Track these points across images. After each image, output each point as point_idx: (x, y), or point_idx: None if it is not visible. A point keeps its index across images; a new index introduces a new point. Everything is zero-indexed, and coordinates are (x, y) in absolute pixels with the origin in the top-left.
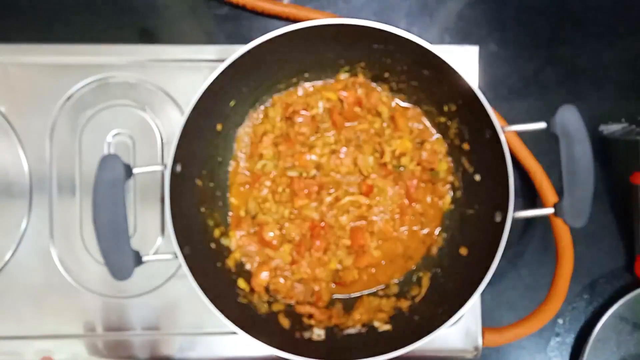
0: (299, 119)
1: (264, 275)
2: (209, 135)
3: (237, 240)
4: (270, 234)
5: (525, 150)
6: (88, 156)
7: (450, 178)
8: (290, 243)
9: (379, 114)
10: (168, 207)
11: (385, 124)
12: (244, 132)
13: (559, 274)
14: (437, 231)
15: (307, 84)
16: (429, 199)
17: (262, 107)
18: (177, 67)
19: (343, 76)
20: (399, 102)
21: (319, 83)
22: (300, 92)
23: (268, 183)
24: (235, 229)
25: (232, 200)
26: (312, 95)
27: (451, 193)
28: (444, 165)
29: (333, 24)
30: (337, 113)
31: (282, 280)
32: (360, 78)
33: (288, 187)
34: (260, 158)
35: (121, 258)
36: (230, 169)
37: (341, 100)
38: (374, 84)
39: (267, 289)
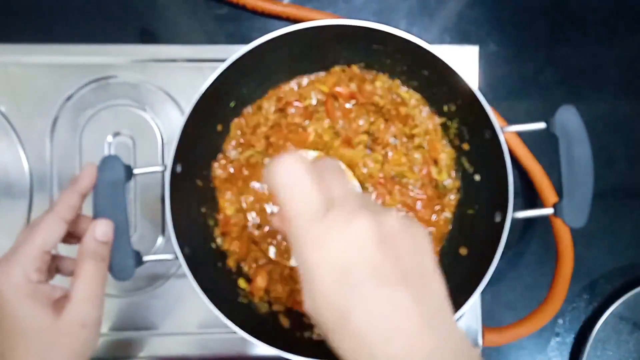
0: (291, 110)
1: (262, 280)
2: (210, 135)
3: (230, 245)
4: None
5: (525, 151)
6: (88, 156)
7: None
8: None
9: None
10: (168, 208)
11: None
12: (235, 125)
13: (559, 274)
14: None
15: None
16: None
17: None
18: (177, 67)
19: (337, 67)
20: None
21: (313, 77)
22: (294, 85)
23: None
24: (225, 228)
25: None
26: (306, 88)
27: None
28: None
29: (333, 25)
30: (331, 105)
31: (280, 287)
32: (354, 69)
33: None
34: (250, 148)
35: (122, 258)
36: (218, 165)
37: (335, 97)
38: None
39: (267, 292)
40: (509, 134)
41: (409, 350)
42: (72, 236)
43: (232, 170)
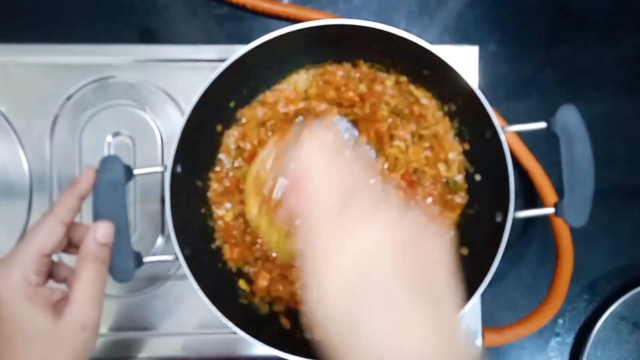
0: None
1: (263, 281)
2: (209, 136)
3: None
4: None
5: (525, 150)
6: (88, 156)
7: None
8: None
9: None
10: (168, 209)
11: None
12: (230, 132)
13: (559, 274)
14: None
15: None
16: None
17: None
18: (177, 67)
19: (340, 72)
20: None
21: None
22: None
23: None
24: (226, 237)
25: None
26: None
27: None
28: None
29: (333, 25)
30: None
31: (280, 287)
32: (362, 67)
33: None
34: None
35: (122, 259)
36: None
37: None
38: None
39: (268, 292)
40: (509, 133)
41: None
42: (71, 244)
43: (227, 184)
